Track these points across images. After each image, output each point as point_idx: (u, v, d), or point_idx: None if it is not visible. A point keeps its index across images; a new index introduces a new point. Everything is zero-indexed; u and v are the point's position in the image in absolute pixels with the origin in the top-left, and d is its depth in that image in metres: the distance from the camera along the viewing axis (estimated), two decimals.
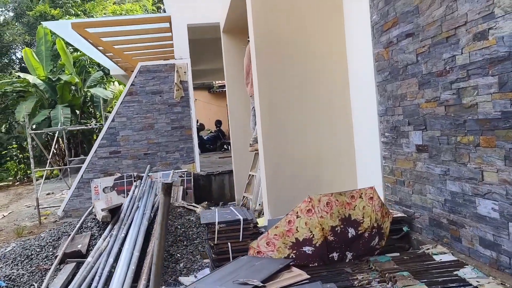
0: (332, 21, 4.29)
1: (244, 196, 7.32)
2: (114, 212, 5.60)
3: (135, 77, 8.56)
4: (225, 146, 14.73)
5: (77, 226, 5.71)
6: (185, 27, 8.52)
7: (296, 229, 2.61)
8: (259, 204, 6.46)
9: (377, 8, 3.53)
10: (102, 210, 5.38)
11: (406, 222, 3.31)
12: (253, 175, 7.03)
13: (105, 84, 18.75)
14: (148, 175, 7.53)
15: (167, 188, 2.04)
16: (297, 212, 2.64)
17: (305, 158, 4.33)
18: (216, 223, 3.14)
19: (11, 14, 26.29)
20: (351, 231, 2.67)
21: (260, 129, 4.45)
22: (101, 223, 5.59)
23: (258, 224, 3.31)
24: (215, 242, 3.13)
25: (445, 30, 2.65)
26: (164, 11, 13.02)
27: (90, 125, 10.41)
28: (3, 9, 26.43)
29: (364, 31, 3.80)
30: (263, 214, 6.22)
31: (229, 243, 3.14)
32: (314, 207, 2.62)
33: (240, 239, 3.17)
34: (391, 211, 3.47)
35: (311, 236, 2.60)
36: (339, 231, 2.64)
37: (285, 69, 4.29)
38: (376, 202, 2.77)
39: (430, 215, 2.98)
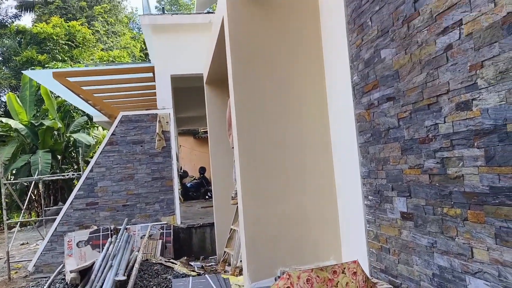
0: (314, 80, 4.25)
1: (225, 251, 7.01)
2: (85, 272, 5.25)
3: (116, 126, 8.40)
4: (208, 194, 14.42)
5: (45, 287, 5.32)
6: (168, 78, 8.51)
7: None
8: (241, 261, 6.16)
9: (357, 70, 3.49)
10: (71, 271, 5.04)
11: None
12: (234, 229, 6.76)
13: (89, 129, 18.55)
14: (126, 228, 7.21)
15: (121, 286, 1.82)
16: None
17: (288, 217, 4.14)
18: None
19: None
20: None
21: (240, 185, 4.27)
22: (69, 285, 5.22)
23: None
24: None
25: (427, 97, 2.58)
26: (150, 59, 13.13)
27: (68, 174, 10.08)
28: None
29: (345, 92, 3.75)
30: None
31: None
32: (293, 284, 2.42)
33: None
34: (375, 280, 3.27)
35: None
36: None
37: (266, 127, 4.18)
38: (360, 277, 2.58)
39: None
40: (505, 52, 1.96)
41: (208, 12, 9.74)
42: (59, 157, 16.92)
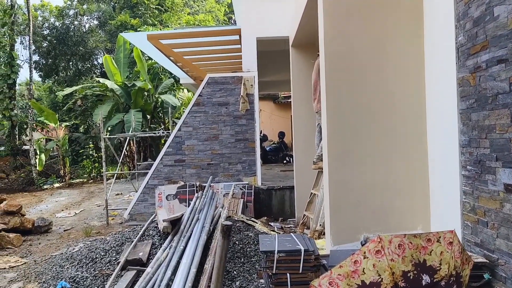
0: (411, 40, 4.01)
1: (304, 215, 7.11)
2: (175, 222, 5.66)
3: (203, 88, 8.71)
4: (287, 158, 14.59)
5: (140, 233, 5.84)
6: (254, 40, 8.54)
7: (363, 271, 2.40)
8: (320, 225, 6.22)
9: (463, 29, 3.21)
10: (164, 220, 5.45)
11: (488, 268, 2.94)
12: (315, 194, 6.81)
13: (175, 91, 19.46)
14: (210, 185, 7.59)
15: (226, 230, 1.93)
16: (364, 252, 2.42)
17: (373, 184, 4.07)
18: (276, 252, 2.99)
19: (96, 22, 28.32)
20: (426, 278, 2.40)
21: (326, 149, 4.25)
22: (162, 232, 5.67)
23: (319, 256, 3.11)
24: (274, 272, 2.99)
25: None
26: (235, 22, 13.26)
27: (158, 132, 10.75)
28: (89, 17, 28.54)
29: (447, 53, 3.49)
30: (323, 234, 5.98)
31: (288, 274, 2.98)
32: (384, 248, 2.39)
33: (300, 271, 2.99)
34: (470, 254, 3.12)
35: (379, 280, 2.37)
36: (411, 277, 2.38)
37: (356, 89, 4.07)
38: (456, 247, 2.47)
39: None
40: None
41: None
42: (148, 116, 18.07)
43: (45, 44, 26.38)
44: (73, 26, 26.94)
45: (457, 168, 3.37)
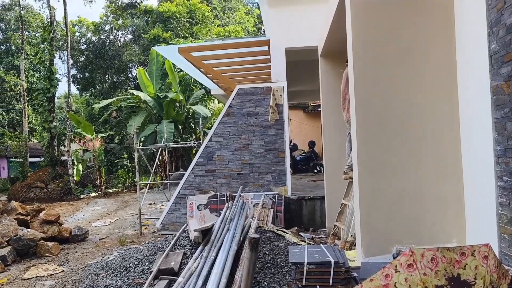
0: (442, 48, 3.94)
1: (335, 225, 7.03)
2: (206, 232, 5.72)
3: (233, 99, 8.81)
4: (317, 168, 14.47)
5: (172, 243, 5.94)
6: (283, 51, 8.60)
7: (394, 285, 2.35)
8: (351, 236, 6.14)
9: (497, 36, 3.13)
10: (195, 230, 5.53)
11: None
12: (346, 204, 6.73)
13: (206, 102, 19.78)
14: (240, 195, 7.64)
15: (254, 243, 1.95)
16: (395, 266, 2.38)
17: (405, 194, 3.99)
18: (305, 263, 2.98)
19: (130, 36, 29.27)
20: None
21: (356, 158, 4.21)
22: (193, 242, 5.74)
23: (350, 268, 3.08)
24: (303, 284, 2.98)
25: None
26: (264, 33, 13.39)
27: (189, 143, 10.94)
28: (124, 32, 29.54)
29: (480, 61, 3.40)
30: (355, 245, 5.89)
31: (318, 287, 2.96)
32: (416, 262, 2.34)
33: (330, 283, 2.97)
34: (507, 268, 3.00)
35: None
36: None
37: (385, 98, 4.03)
38: (492, 262, 2.39)
39: None
40: None
41: None
42: (180, 127, 18.44)
43: (82, 59, 27.48)
44: (108, 41, 27.97)
45: (493, 178, 3.26)
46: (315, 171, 14.56)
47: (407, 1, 3.99)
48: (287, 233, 6.83)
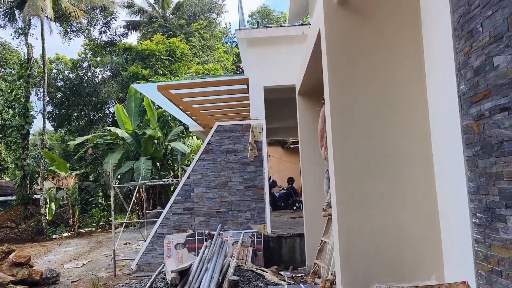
0: (414, 89, 4.09)
1: (315, 263, 6.95)
2: (183, 273, 5.57)
3: (212, 135, 8.84)
4: (296, 205, 14.45)
5: (147, 285, 5.75)
6: (261, 89, 8.76)
7: None
8: (331, 274, 6.06)
9: (465, 78, 3.29)
10: (172, 271, 5.38)
11: None
12: (325, 241, 6.68)
13: (185, 138, 19.74)
14: (219, 234, 7.51)
15: (234, 286, 1.91)
16: None
17: (384, 231, 4.01)
18: None
19: (108, 73, 29.31)
20: None
21: (335, 196, 4.23)
22: (169, 284, 5.57)
23: None
24: None
25: None
26: (243, 71, 13.66)
27: (167, 180, 10.81)
28: (102, 69, 29.59)
29: (450, 101, 3.55)
30: (335, 284, 5.81)
31: None
32: None
33: None
34: None
35: None
36: None
37: (362, 136, 4.11)
38: None
39: None
40: None
41: (302, 24, 9.86)
42: (158, 164, 18.25)
43: (59, 95, 27.23)
44: (86, 78, 27.91)
45: (468, 215, 3.33)
46: (294, 207, 14.52)
47: (381, 46, 4.17)
48: (266, 272, 6.71)
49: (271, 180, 16.23)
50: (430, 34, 4.01)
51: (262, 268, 7.14)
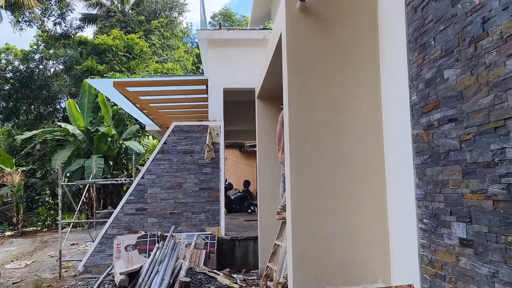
0: (370, 97, 4.22)
1: (268, 266, 6.98)
2: (133, 275, 5.42)
3: (168, 136, 8.69)
4: (252, 208, 14.49)
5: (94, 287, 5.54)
6: (221, 90, 8.72)
7: None
8: (283, 277, 6.11)
9: (416, 89, 3.43)
10: (121, 273, 5.21)
11: None
12: (278, 245, 6.73)
13: (140, 137, 19.27)
14: (172, 236, 7.37)
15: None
16: None
17: (335, 236, 4.09)
18: None
19: (61, 67, 28.10)
20: None
21: (289, 199, 4.27)
22: (118, 286, 5.39)
23: None
24: None
25: (493, 120, 2.49)
26: (202, 72, 13.56)
27: (121, 180, 10.50)
28: (55, 62, 28.32)
29: (402, 111, 3.69)
30: (287, 286, 5.86)
31: None
32: None
33: None
34: None
35: None
36: None
37: (318, 142, 4.18)
38: None
39: None
40: None
41: (263, 28, 9.92)
42: (111, 162, 17.69)
43: (7, 87, 25.77)
44: (37, 70, 26.59)
45: (414, 221, 3.46)
46: (249, 210, 14.55)
47: (339, 53, 4.26)
48: (219, 274, 6.66)
49: (227, 183, 16.19)
50: (386, 45, 4.15)
51: (215, 270, 7.08)
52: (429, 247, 3.25)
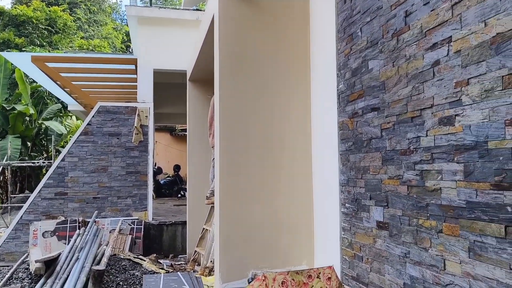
0: (300, 84, 4.28)
1: (195, 251, 6.94)
2: (50, 263, 5.09)
3: (93, 116, 8.23)
4: (181, 192, 14.30)
5: (7, 276, 5.14)
6: (151, 71, 8.41)
7: None
8: (211, 261, 6.12)
9: (344, 78, 3.54)
10: (36, 261, 4.88)
11: None
12: (207, 229, 6.71)
13: (62, 117, 18.10)
14: (95, 221, 7.04)
15: (98, 276, 1.77)
16: None
17: (262, 220, 4.14)
18: None
19: None
20: None
21: (218, 184, 4.24)
22: (33, 274, 5.05)
23: None
24: None
25: (411, 110, 2.63)
26: (132, 51, 12.96)
27: (38, 162, 9.80)
28: None
29: (330, 99, 3.79)
30: (213, 271, 5.88)
31: None
32: (268, 286, 2.41)
33: None
34: (347, 287, 3.31)
35: None
36: None
37: (247, 127, 4.18)
38: (334, 283, 2.60)
39: None
40: (492, 71, 2.03)
41: (197, 9, 9.68)
42: (29, 144, 16.45)
43: None
44: None
45: (337, 205, 3.61)
46: (179, 195, 14.36)
47: (271, 39, 4.26)
48: (144, 260, 6.50)
49: (156, 167, 15.79)
50: (317, 34, 4.22)
51: (140, 256, 6.90)
52: (350, 230, 3.41)
